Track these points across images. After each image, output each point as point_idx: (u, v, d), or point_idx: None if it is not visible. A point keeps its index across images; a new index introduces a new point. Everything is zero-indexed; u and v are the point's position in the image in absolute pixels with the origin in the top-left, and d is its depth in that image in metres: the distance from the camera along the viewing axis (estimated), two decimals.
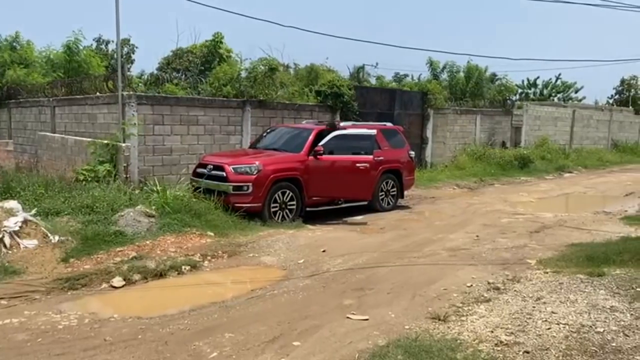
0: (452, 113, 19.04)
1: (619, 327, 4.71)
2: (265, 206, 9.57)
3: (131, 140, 10.65)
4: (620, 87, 42.62)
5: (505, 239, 8.90)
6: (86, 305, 5.71)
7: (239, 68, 13.97)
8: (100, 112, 11.81)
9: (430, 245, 8.40)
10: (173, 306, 5.70)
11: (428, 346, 4.38)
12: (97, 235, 7.55)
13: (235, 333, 4.88)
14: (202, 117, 11.92)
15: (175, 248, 7.62)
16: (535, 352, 4.29)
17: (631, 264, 6.59)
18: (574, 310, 5.16)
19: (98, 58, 18.39)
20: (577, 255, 7.24)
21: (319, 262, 7.30)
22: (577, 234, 9.21)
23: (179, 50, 19.56)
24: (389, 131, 12.19)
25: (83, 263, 6.87)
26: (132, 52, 22.89)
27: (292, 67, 19.76)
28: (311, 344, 4.64)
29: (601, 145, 27.00)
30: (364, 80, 22.01)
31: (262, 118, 13.05)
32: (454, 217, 11.08)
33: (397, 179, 11.89)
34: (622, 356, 4.19)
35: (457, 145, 19.15)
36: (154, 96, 11.48)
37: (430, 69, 24.94)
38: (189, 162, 11.48)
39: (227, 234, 8.54)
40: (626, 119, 30.30)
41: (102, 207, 8.35)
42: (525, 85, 36.36)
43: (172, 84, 13.25)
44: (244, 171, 9.57)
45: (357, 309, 5.52)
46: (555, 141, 23.38)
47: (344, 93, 14.64)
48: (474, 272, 6.81)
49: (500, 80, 24.67)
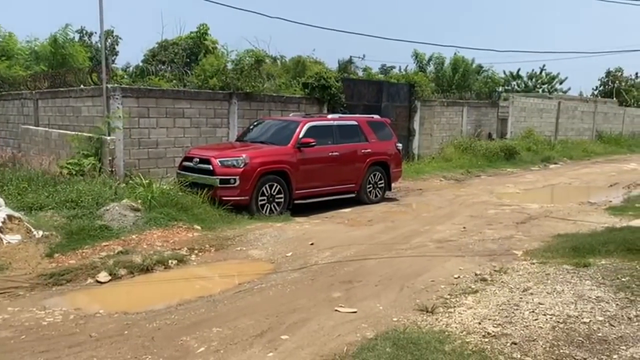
0: (439, 105, 19.07)
1: (605, 318, 4.76)
2: (253, 199, 9.53)
3: (116, 133, 10.52)
4: (605, 79, 43.00)
5: (492, 230, 8.95)
6: (71, 301, 5.64)
7: (225, 60, 13.86)
8: (84, 105, 11.64)
9: (417, 237, 8.41)
10: (160, 301, 5.66)
11: (416, 338, 4.38)
12: (82, 229, 7.46)
13: (223, 327, 4.85)
14: (188, 110, 11.81)
15: (162, 242, 7.55)
16: (522, 343, 4.32)
17: (616, 254, 6.65)
18: (561, 300, 5.20)
19: (83, 51, 18.16)
20: (563, 246, 7.29)
21: (307, 255, 7.28)
22: (563, 225, 9.28)
23: (164, 42, 19.39)
24: (376, 123, 12.17)
25: (68, 258, 6.78)
26: (116, 44, 22.68)
27: (279, 59, 19.68)
28: (299, 338, 4.62)
29: (586, 136, 27.26)
30: (351, 72, 21.96)
31: (249, 110, 12.96)
32: (441, 208, 11.12)
33: (384, 171, 11.90)
34: (607, 346, 4.23)
35: (444, 137, 19.21)
36: (139, 89, 11.34)
37: (416, 61, 24.99)
38: (175, 155, 11.37)
39: (215, 228, 8.49)
40: (610, 110, 30.62)
41: (87, 201, 8.25)
42: (509, 77, 36.51)
43: (157, 76, 13.11)
44: (230, 164, 9.50)
45: (345, 301, 5.51)
46: (541, 132, 23.55)
47: (331, 85, 14.58)
48: (461, 263, 6.84)
49: (487, 72, 24.82)
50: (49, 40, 16.67)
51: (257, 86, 13.16)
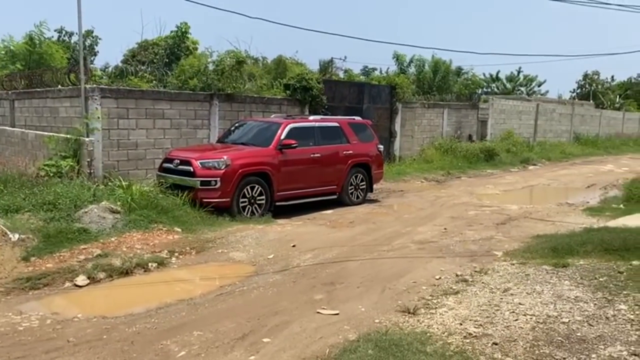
0: (420, 107, 19.20)
1: (584, 317, 4.82)
2: (234, 201, 9.46)
3: (95, 134, 10.37)
4: (582, 82, 43.74)
5: (473, 231, 9.02)
6: (48, 306, 5.53)
7: (206, 61, 13.74)
8: (62, 106, 11.46)
9: (399, 239, 8.44)
10: (140, 304, 5.58)
11: (398, 340, 4.39)
12: (60, 232, 7.33)
13: (204, 331, 4.81)
14: (169, 111, 11.69)
15: (142, 245, 7.46)
16: (503, 344, 4.35)
17: (594, 254, 6.75)
18: (540, 301, 5.26)
19: (61, 50, 17.87)
20: (542, 246, 7.38)
21: (288, 257, 7.25)
22: (542, 226, 9.40)
23: (144, 42, 19.19)
24: (358, 125, 12.19)
25: (45, 262, 6.65)
26: (96, 44, 22.40)
27: (260, 60, 19.61)
28: (281, 340, 4.60)
29: (564, 138, 27.67)
30: (332, 74, 21.99)
31: (230, 112, 12.89)
32: (422, 210, 11.18)
33: (366, 172, 11.92)
34: (586, 345, 4.28)
35: (425, 138, 19.34)
36: (118, 89, 11.20)
37: (397, 63, 25.11)
38: (155, 156, 11.25)
39: (195, 230, 8.41)
40: (587, 112, 31.14)
41: (64, 203, 8.10)
42: (488, 79, 36.94)
43: (137, 76, 12.96)
44: (211, 166, 9.43)
45: (327, 303, 5.50)
46: (520, 134, 23.84)
47: (313, 87, 14.57)
48: (443, 264, 6.88)
49: (467, 74, 25.05)
50: (24, 39, 16.37)
51: (238, 87, 13.10)
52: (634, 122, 35.82)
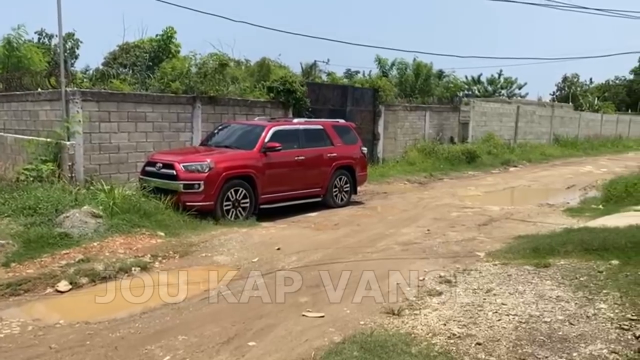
0: (403, 109, 19.32)
1: (565, 316, 4.90)
2: (218, 204, 9.42)
3: (76, 138, 10.25)
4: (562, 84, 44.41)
5: (455, 232, 9.10)
6: (29, 312, 5.45)
7: (189, 63, 13.68)
8: (42, 109, 11.30)
9: (383, 240, 8.49)
10: (123, 309, 5.53)
11: (383, 341, 4.41)
12: (41, 237, 7.22)
13: (189, 335, 4.78)
14: (151, 114, 11.60)
15: (125, 249, 7.38)
16: (486, 344, 4.40)
17: (574, 254, 6.85)
18: (523, 301, 5.33)
19: (40, 53, 17.60)
20: (524, 247, 7.47)
21: (273, 260, 7.25)
22: (523, 226, 9.52)
23: (126, 45, 19.02)
24: (342, 128, 12.24)
25: (26, 267, 6.55)
26: (77, 46, 22.12)
27: (243, 63, 19.56)
28: (267, 344, 4.60)
29: (544, 140, 28.04)
30: (315, 77, 22.03)
31: (213, 114, 12.83)
32: (405, 211, 11.25)
33: (350, 175, 11.96)
34: (568, 344, 4.35)
35: (408, 141, 19.46)
36: (100, 92, 11.09)
37: (379, 66, 25.24)
38: (137, 160, 11.15)
39: (179, 234, 8.36)
40: (567, 114, 31.59)
41: (45, 208, 7.99)
42: (470, 82, 37.32)
43: (118, 79, 12.84)
44: (195, 169, 9.38)
45: (312, 306, 5.51)
46: (501, 136, 24.10)
47: (296, 89, 14.58)
48: (426, 265, 6.92)
49: (448, 77, 25.26)
50: (2, 42, 16.08)
51: (221, 90, 13.04)
52: (611, 123, 36.46)
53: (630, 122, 39.16)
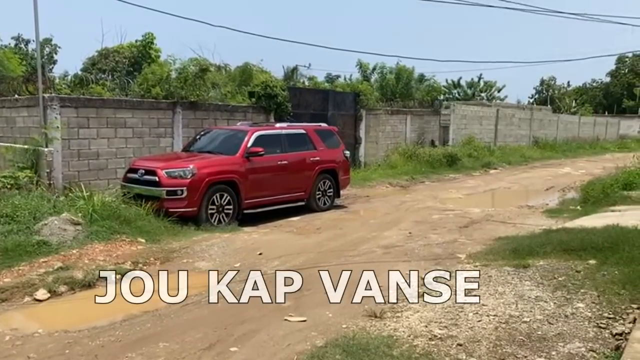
0: (384, 113, 19.44)
1: (544, 316, 4.97)
2: (201, 210, 9.37)
3: (54, 144, 10.14)
4: (540, 87, 45.04)
5: (436, 234, 9.17)
6: (7, 321, 5.36)
7: (169, 68, 13.60)
8: (19, 116, 11.15)
9: (365, 244, 8.51)
10: (103, 317, 5.45)
11: (365, 344, 4.43)
12: (18, 246, 7.11)
13: (170, 342, 4.74)
14: (131, 120, 11.52)
15: (104, 256, 7.30)
16: (467, 344, 4.45)
17: (553, 255, 6.94)
18: (503, 301, 5.39)
19: (17, 58, 17.38)
20: (504, 248, 7.56)
21: (255, 265, 7.22)
22: (503, 228, 9.62)
23: (105, 50, 18.86)
24: (324, 132, 12.27)
25: (3, 276, 6.43)
26: (55, 52, 21.92)
27: (224, 68, 19.49)
28: (249, 349, 4.58)
29: (523, 142, 28.40)
30: (297, 81, 22.05)
31: (194, 120, 12.78)
32: (387, 215, 11.31)
33: (333, 178, 11.99)
34: (547, 343, 4.42)
35: (389, 144, 19.58)
36: (78, 98, 10.98)
37: (360, 70, 25.38)
38: (117, 166, 11.06)
39: (160, 240, 8.29)
40: (545, 117, 32.07)
41: (23, 215, 7.88)
42: (450, 85, 37.65)
43: (97, 85, 12.72)
44: (177, 175, 9.33)
45: (294, 310, 5.50)
46: (481, 139, 24.35)
47: (278, 94, 14.59)
48: (408, 268, 6.94)
49: (429, 81, 25.48)
50: None
51: (202, 95, 13.00)
52: (589, 126, 37.10)
53: (607, 124, 39.92)
